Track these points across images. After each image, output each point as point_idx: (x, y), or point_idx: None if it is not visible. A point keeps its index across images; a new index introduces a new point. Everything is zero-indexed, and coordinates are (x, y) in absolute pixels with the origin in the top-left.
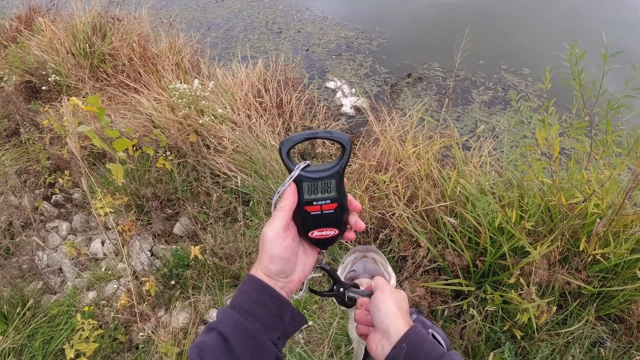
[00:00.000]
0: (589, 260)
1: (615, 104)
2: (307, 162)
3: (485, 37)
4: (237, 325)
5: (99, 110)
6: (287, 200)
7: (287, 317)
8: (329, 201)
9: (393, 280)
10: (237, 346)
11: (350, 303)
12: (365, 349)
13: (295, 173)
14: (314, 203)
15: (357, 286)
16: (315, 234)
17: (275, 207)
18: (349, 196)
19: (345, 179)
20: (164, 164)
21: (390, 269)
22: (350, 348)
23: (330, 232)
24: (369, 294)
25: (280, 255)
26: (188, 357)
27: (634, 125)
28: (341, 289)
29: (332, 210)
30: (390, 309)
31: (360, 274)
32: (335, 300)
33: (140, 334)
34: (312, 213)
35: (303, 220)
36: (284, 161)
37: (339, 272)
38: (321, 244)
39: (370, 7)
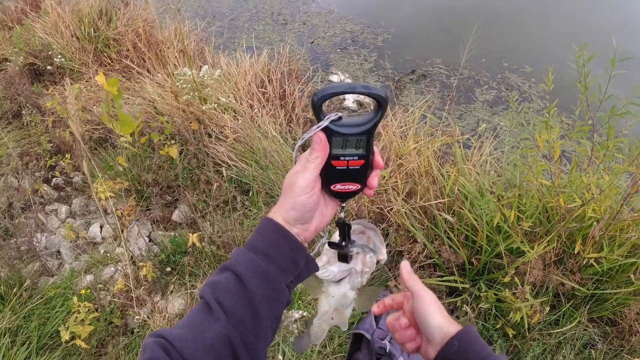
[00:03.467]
0: (584, 262)
1: (620, 110)
2: (339, 114)
3: (487, 34)
4: (253, 266)
5: (117, 93)
6: (320, 152)
7: (302, 262)
8: (356, 158)
9: (382, 256)
10: (252, 286)
11: (350, 260)
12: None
13: (324, 123)
14: (341, 158)
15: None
16: (338, 187)
17: (297, 151)
18: (376, 152)
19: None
20: (167, 152)
21: (384, 250)
22: (314, 323)
23: (353, 187)
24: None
25: (304, 204)
26: (200, 296)
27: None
28: (349, 246)
29: (358, 167)
30: (441, 324)
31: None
32: (331, 253)
33: (136, 317)
34: (337, 167)
35: (327, 173)
36: (316, 112)
37: (333, 238)
38: (342, 197)
39: (376, 2)
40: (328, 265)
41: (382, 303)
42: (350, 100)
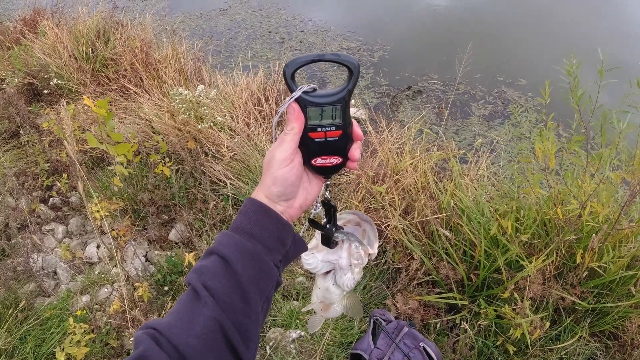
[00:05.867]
0: (584, 275)
1: (611, 118)
2: (314, 85)
3: (481, 49)
4: (238, 247)
5: (107, 114)
6: (295, 123)
7: (289, 240)
8: (333, 128)
9: (373, 250)
10: (239, 268)
11: (333, 246)
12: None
13: (296, 94)
14: (318, 129)
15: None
16: (319, 161)
17: (276, 128)
18: (354, 123)
19: (352, 119)
20: (162, 170)
21: (376, 245)
22: (310, 313)
23: (334, 160)
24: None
25: (285, 177)
26: (186, 284)
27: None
28: (333, 229)
29: (336, 138)
30: None
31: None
32: (320, 237)
33: (132, 339)
34: (315, 140)
35: (306, 147)
36: (288, 83)
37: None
38: (324, 172)
39: (372, 20)
40: (316, 250)
41: None
42: None
